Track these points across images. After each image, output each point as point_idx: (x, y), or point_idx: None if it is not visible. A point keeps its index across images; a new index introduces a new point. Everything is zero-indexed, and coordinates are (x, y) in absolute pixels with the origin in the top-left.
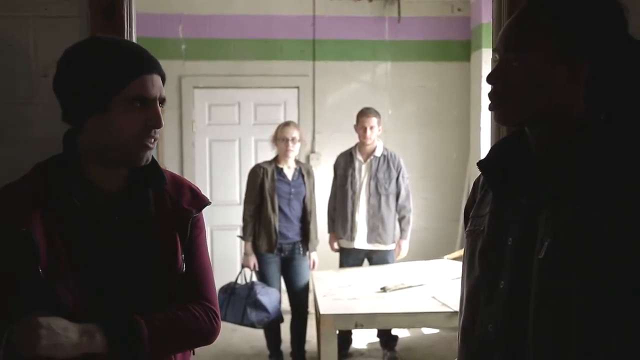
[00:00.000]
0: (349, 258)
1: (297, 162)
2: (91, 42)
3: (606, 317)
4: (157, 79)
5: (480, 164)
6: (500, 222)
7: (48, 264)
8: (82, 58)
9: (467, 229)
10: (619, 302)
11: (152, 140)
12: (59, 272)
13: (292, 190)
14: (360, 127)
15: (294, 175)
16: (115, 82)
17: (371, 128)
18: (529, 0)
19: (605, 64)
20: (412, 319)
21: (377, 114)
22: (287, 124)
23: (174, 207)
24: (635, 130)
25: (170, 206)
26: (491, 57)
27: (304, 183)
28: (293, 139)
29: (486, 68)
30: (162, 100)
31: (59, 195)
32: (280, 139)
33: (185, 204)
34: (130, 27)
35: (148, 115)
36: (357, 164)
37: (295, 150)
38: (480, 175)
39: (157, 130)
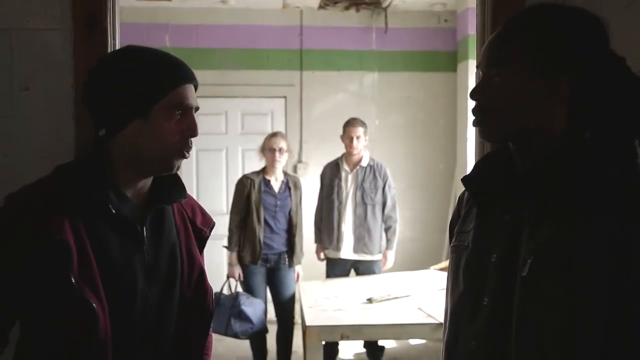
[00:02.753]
0: (335, 268)
1: (285, 173)
2: (131, 50)
3: (587, 336)
4: (193, 89)
5: (465, 179)
6: (484, 238)
7: (80, 274)
8: (125, 63)
9: (451, 244)
10: (599, 321)
11: (188, 148)
12: (91, 283)
13: (278, 203)
14: (347, 137)
15: (280, 188)
16: (159, 88)
17: (357, 138)
18: (510, 17)
19: (586, 80)
20: (398, 331)
21: (363, 124)
22: (274, 134)
23: (192, 226)
24: (613, 149)
25: (189, 224)
26: (475, 72)
27: (290, 196)
28: (280, 150)
29: (472, 79)
30: (197, 110)
31: (91, 203)
32: (267, 149)
33: (199, 223)
34: (114, 39)
35: (186, 124)
36: (343, 174)
37: (282, 161)
38: (465, 190)
39: (192, 139)
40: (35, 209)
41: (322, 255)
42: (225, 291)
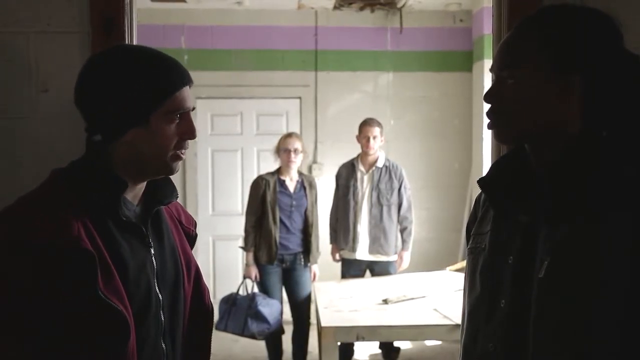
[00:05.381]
0: (351, 269)
1: (300, 173)
2: (122, 53)
3: (605, 336)
4: (189, 89)
5: (481, 181)
6: (501, 240)
7: (104, 283)
8: (120, 69)
9: (469, 246)
10: (616, 321)
11: (184, 150)
12: (116, 292)
13: (294, 202)
14: (363, 136)
15: (295, 188)
16: (158, 96)
17: (374, 138)
18: (522, 19)
19: (599, 80)
20: (414, 332)
21: (379, 124)
22: (289, 135)
23: (181, 226)
24: (628, 148)
25: (178, 224)
26: None
27: (306, 195)
28: (295, 150)
29: (488, 79)
30: (193, 109)
31: (103, 208)
32: (282, 149)
33: (185, 222)
34: (132, 41)
35: (184, 127)
36: (359, 175)
37: (297, 161)
38: (482, 192)
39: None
40: (50, 217)
41: (337, 256)
42: (242, 291)
